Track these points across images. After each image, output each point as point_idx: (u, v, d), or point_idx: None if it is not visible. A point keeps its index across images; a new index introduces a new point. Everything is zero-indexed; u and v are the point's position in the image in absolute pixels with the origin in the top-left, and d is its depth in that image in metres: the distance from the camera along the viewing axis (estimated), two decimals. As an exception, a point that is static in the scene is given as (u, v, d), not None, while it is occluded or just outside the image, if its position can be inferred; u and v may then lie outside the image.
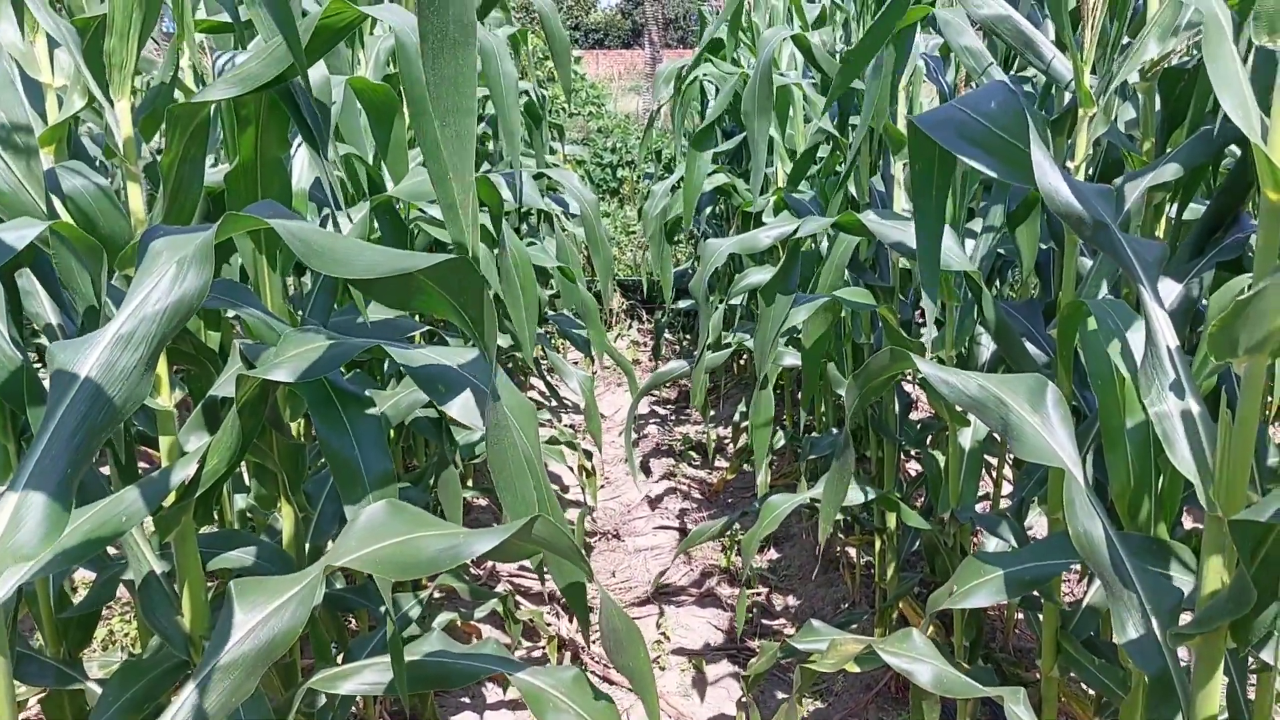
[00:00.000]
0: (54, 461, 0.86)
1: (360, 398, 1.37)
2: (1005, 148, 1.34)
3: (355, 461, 1.34)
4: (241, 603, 1.08)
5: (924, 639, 1.80)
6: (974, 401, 1.47)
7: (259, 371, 1.28)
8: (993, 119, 1.35)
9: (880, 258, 2.97)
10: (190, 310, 0.93)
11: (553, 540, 1.20)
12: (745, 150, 4.50)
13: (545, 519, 1.19)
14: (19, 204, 1.21)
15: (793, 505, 2.60)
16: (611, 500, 4.80)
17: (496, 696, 3.14)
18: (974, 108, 1.37)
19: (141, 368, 0.91)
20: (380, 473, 1.34)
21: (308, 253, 1.02)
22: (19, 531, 0.83)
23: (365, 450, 1.34)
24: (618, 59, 31.10)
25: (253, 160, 1.52)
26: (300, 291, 2.43)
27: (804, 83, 3.28)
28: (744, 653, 3.43)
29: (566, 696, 1.56)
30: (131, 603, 3.31)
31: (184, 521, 1.43)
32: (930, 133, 1.36)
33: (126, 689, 1.50)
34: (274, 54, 1.23)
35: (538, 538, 1.20)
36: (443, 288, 1.07)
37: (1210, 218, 1.83)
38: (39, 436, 0.88)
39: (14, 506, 0.86)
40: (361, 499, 1.32)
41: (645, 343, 7.53)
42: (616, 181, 10.39)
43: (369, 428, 1.36)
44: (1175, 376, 1.31)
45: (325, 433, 1.35)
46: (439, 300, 1.07)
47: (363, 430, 1.35)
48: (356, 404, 1.36)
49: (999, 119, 1.35)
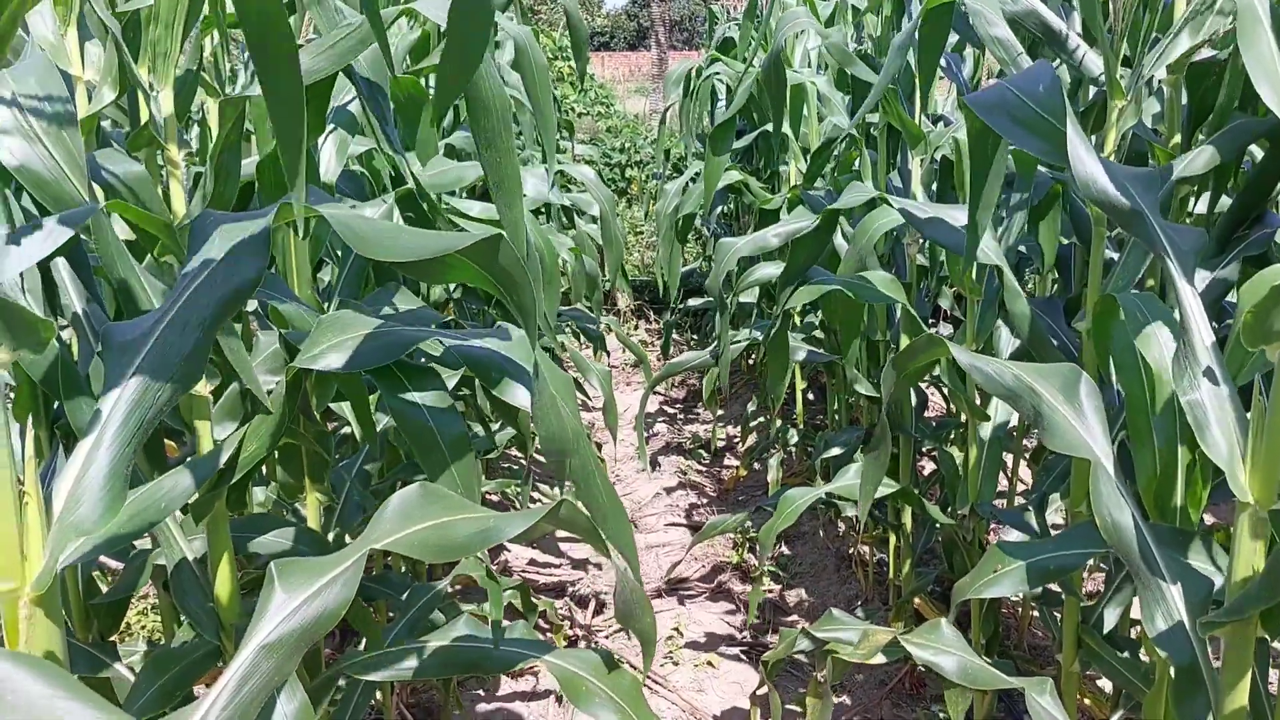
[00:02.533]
0: (111, 440, 0.87)
1: (424, 369, 1.38)
2: (1052, 132, 1.35)
3: (431, 429, 1.34)
4: (283, 582, 1.09)
5: (952, 630, 1.81)
6: (1008, 391, 1.48)
7: (305, 361, 1.28)
8: (1040, 102, 1.36)
9: (896, 254, 2.97)
10: (245, 295, 0.94)
11: (577, 521, 1.23)
12: (757, 147, 4.51)
13: (570, 502, 1.21)
14: (62, 192, 1.22)
15: (810, 500, 2.60)
16: (623, 497, 4.81)
17: (510, 688, 3.15)
18: (1023, 89, 1.38)
19: (196, 350, 0.92)
20: (455, 437, 1.35)
21: (354, 239, 1.04)
22: (79, 508, 0.84)
23: (438, 419, 1.35)
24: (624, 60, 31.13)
25: (285, 150, 1.53)
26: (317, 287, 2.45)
27: (819, 79, 3.29)
28: (756, 648, 3.44)
29: (596, 678, 1.58)
30: (149, 595, 3.32)
31: (217, 507, 1.44)
32: (984, 116, 1.37)
33: (159, 676, 1.51)
34: (335, 49, 1.24)
35: (564, 518, 1.22)
36: (481, 265, 1.08)
37: (1234, 213, 1.83)
38: (95, 415, 0.89)
39: (72, 484, 0.87)
40: (444, 466, 1.33)
41: (653, 342, 7.54)
42: (625, 181, 10.40)
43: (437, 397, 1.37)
44: (1208, 364, 1.31)
45: (399, 407, 1.35)
46: (474, 274, 1.08)
47: (431, 400, 1.36)
48: (420, 375, 1.37)
49: (1046, 102, 1.35)
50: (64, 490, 0.84)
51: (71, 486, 0.84)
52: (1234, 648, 1.33)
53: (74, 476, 0.85)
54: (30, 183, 1.23)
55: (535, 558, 4.10)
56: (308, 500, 1.90)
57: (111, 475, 0.84)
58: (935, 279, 2.96)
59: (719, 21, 6.34)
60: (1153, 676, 1.80)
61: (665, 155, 7.42)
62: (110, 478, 0.84)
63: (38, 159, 1.28)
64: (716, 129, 3.54)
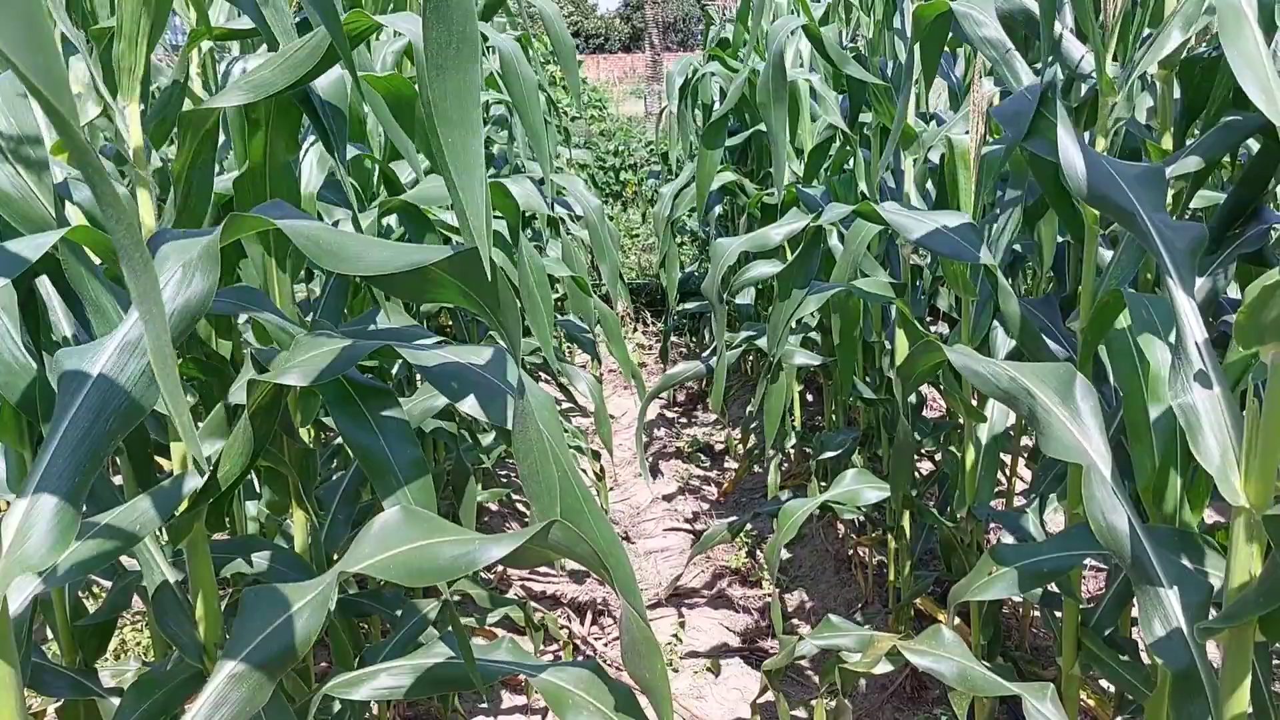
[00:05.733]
0: (62, 470, 0.85)
1: (380, 389, 1.35)
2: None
3: (383, 453, 1.32)
4: (256, 610, 1.07)
5: (954, 635, 1.79)
6: (1004, 393, 1.45)
7: (271, 376, 1.26)
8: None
9: (891, 254, 2.95)
10: (197, 314, 0.91)
11: (571, 545, 1.18)
12: (750, 147, 4.48)
13: (563, 524, 1.16)
14: (30, 212, 1.19)
15: (809, 509, 2.58)
16: (621, 502, 4.78)
17: (511, 701, 3.12)
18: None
19: (149, 373, 0.90)
20: (410, 461, 1.32)
21: (318, 252, 1.01)
22: (27, 541, 0.81)
23: (391, 442, 1.33)
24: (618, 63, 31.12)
25: (261, 165, 1.51)
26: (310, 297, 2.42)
27: (812, 78, 3.26)
28: (756, 654, 3.41)
29: (585, 693, 1.54)
30: (143, 612, 3.30)
31: (196, 529, 1.41)
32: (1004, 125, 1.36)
33: (143, 701, 1.48)
34: (290, 61, 1.21)
35: (554, 542, 1.18)
36: (459, 279, 1.05)
37: (1228, 210, 1.80)
38: (46, 444, 0.87)
39: (22, 515, 0.84)
40: (395, 490, 1.30)
41: (650, 345, 7.51)
42: (619, 185, 10.38)
43: (392, 420, 1.34)
44: (1201, 367, 1.28)
45: (349, 429, 1.33)
46: (456, 292, 1.05)
47: (386, 423, 1.34)
48: (376, 397, 1.34)
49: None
50: (13, 524, 0.82)
51: (20, 520, 0.82)
52: (1233, 653, 1.30)
53: (23, 509, 0.82)
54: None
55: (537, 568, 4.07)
56: (295, 518, 1.87)
57: (60, 507, 0.81)
58: (931, 279, 2.94)
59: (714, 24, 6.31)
60: (1154, 679, 1.77)
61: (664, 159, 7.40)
62: (58, 510, 0.81)
63: (5, 178, 1.26)
64: (709, 127, 3.52)
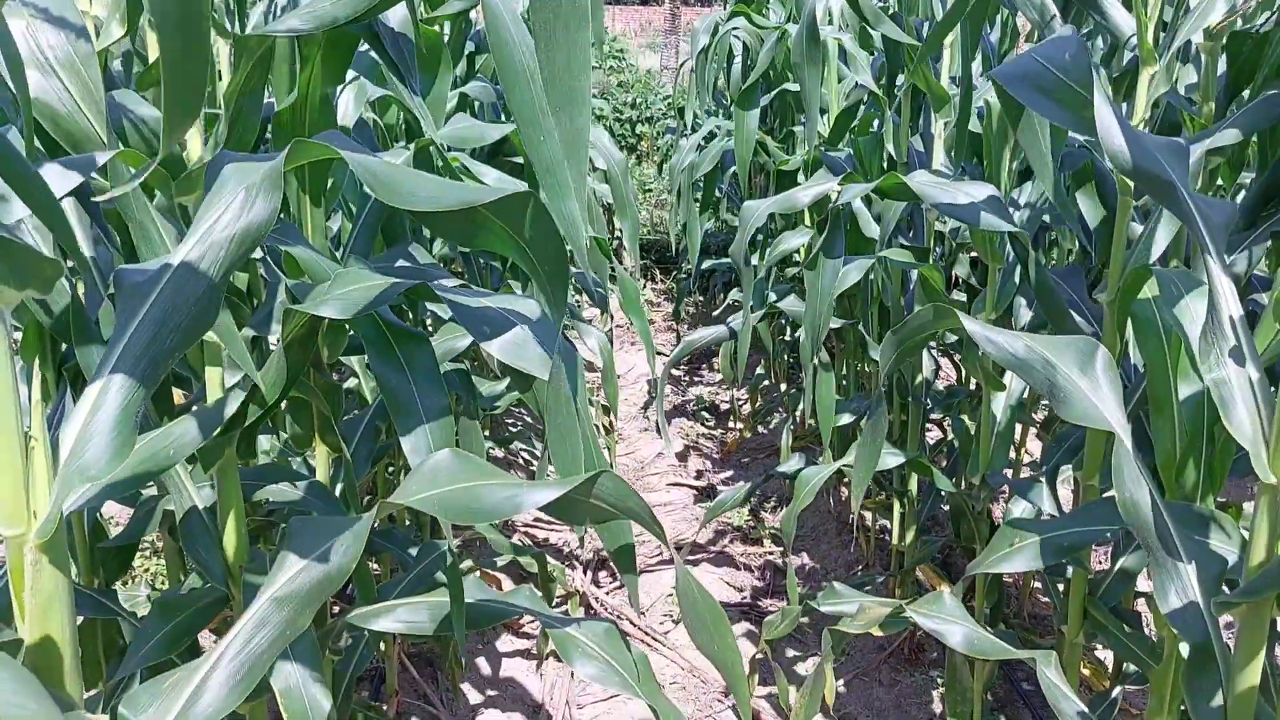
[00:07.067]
0: (121, 384, 0.86)
1: (414, 334, 1.36)
2: (1078, 101, 1.31)
3: (411, 396, 1.33)
4: (302, 536, 1.08)
5: (955, 601, 1.81)
6: (1020, 362, 1.44)
7: (308, 307, 1.26)
8: (1066, 71, 1.32)
9: (915, 219, 2.93)
10: (259, 237, 0.91)
11: (620, 499, 1.19)
12: (772, 107, 4.44)
13: (612, 474, 1.16)
14: (77, 128, 1.18)
15: (824, 477, 2.59)
16: (625, 456, 4.81)
17: (509, 645, 3.16)
18: (1049, 59, 1.34)
19: (209, 293, 0.90)
20: (436, 406, 1.33)
21: (374, 183, 1.01)
22: (86, 452, 0.82)
23: (421, 385, 1.33)
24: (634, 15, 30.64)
25: (304, 97, 1.50)
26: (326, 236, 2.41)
27: (843, 37, 3.22)
28: (756, 610, 3.45)
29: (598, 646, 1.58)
30: (153, 540, 3.33)
31: (228, 455, 1.43)
32: (1008, 88, 1.34)
33: (166, 623, 1.51)
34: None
35: (601, 493, 1.18)
36: (507, 224, 1.05)
37: (1263, 188, 1.79)
38: (105, 359, 0.87)
39: (80, 429, 0.85)
40: (415, 429, 1.31)
41: (659, 302, 7.50)
42: (635, 138, 10.30)
43: (425, 363, 1.35)
44: (1236, 343, 1.29)
45: (381, 369, 1.34)
46: (504, 238, 1.05)
47: (418, 366, 1.34)
48: (410, 340, 1.35)
49: (1072, 72, 1.32)
50: (71, 435, 0.83)
51: (79, 431, 0.82)
52: (1248, 627, 1.32)
53: (82, 421, 0.83)
54: (44, 117, 1.20)
55: (539, 515, 4.10)
56: (317, 452, 1.89)
57: (120, 419, 0.82)
58: (954, 245, 2.92)
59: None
60: (1159, 651, 1.79)
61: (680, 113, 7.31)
62: (119, 422, 0.82)
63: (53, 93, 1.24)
64: (743, 91, 3.49)
